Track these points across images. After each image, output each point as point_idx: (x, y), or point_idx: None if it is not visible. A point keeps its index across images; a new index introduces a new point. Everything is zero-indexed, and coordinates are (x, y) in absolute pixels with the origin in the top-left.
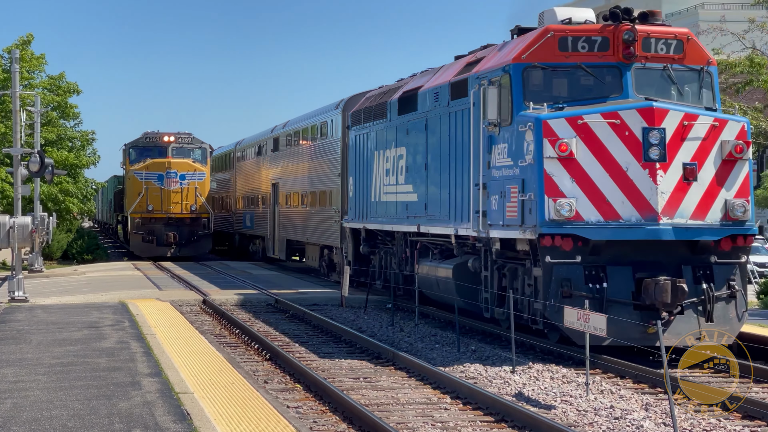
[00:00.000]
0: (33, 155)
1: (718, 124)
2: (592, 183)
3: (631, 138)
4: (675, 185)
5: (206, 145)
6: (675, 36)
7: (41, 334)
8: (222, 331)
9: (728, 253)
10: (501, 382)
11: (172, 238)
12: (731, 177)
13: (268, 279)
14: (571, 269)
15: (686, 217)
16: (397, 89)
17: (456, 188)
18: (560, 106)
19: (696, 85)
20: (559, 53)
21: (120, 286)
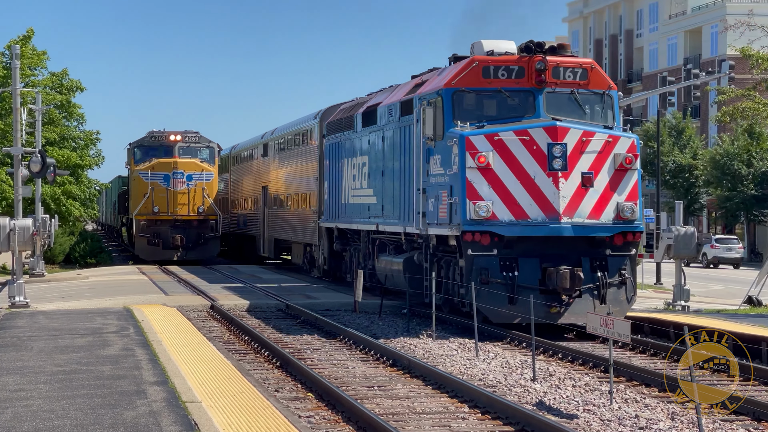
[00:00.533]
0: (34, 155)
1: (612, 140)
2: (505, 189)
3: (538, 151)
4: (574, 190)
5: (214, 144)
6: (580, 65)
7: (43, 341)
8: (231, 337)
9: (620, 247)
10: (521, 391)
11: (179, 240)
12: (622, 184)
13: (279, 283)
14: (489, 260)
15: (584, 217)
16: (363, 104)
17: (404, 192)
18: (482, 125)
19: (598, 107)
20: (483, 80)
21: (124, 290)
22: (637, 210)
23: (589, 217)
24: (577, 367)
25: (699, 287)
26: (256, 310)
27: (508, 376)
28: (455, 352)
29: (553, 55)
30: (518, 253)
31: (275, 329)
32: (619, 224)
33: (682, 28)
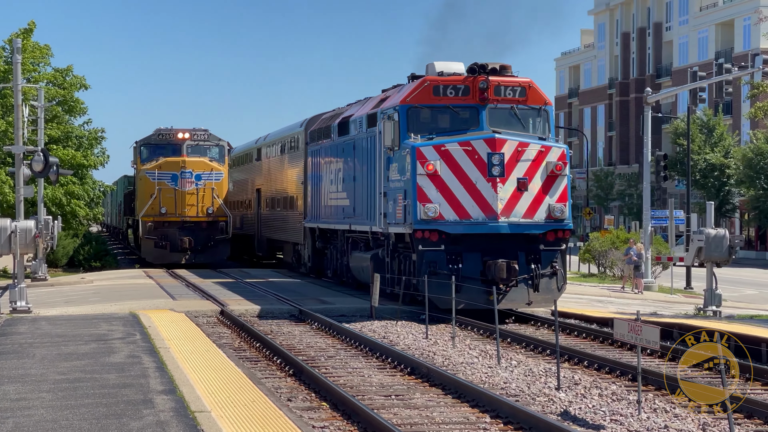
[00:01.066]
0: (36, 154)
1: (545, 150)
2: (451, 192)
3: (479, 160)
4: (511, 194)
5: (224, 142)
6: (519, 84)
7: (45, 347)
8: (241, 344)
9: (552, 243)
10: (545, 400)
11: (187, 243)
12: (553, 188)
13: (292, 288)
14: (437, 254)
15: (519, 216)
16: (340, 115)
17: (371, 196)
18: (432, 137)
19: (535, 120)
20: (434, 97)
21: (131, 295)
22: (566, 210)
23: (524, 216)
24: (604, 376)
25: (731, 292)
26: (268, 315)
27: (532, 385)
28: (476, 359)
29: (495, 75)
30: (462, 248)
31: (288, 336)
32: (551, 223)
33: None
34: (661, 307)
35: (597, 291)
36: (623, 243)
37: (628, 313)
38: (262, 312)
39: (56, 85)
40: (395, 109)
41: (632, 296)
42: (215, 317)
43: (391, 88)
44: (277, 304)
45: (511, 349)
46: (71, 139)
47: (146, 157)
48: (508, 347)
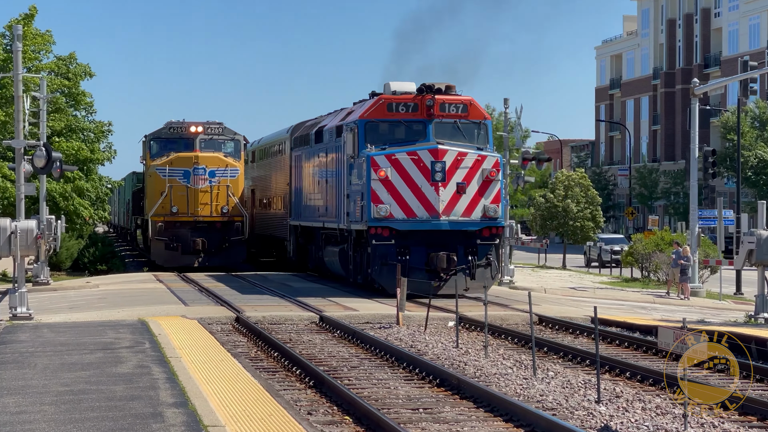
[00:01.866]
0: (38, 148)
1: (481, 158)
2: (400, 195)
3: (424, 167)
4: (451, 196)
5: (240, 136)
6: (462, 102)
7: (48, 357)
8: (258, 353)
9: (487, 238)
10: (584, 414)
11: (200, 245)
12: (488, 191)
13: (312, 293)
14: (388, 248)
15: (458, 215)
16: (317, 124)
17: (338, 197)
18: (385, 147)
19: (475, 133)
20: (388, 113)
21: (139, 301)
22: (500, 210)
23: (463, 215)
24: (648, 388)
25: None
26: (287, 322)
27: (570, 398)
28: (510, 370)
29: (441, 94)
30: (410, 243)
31: (308, 344)
32: (486, 221)
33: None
34: (709, 314)
35: (640, 297)
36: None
37: (674, 320)
38: (281, 319)
39: (59, 74)
40: (355, 123)
41: (678, 302)
42: (230, 324)
43: (357, 102)
44: (297, 311)
45: (547, 359)
46: (75, 132)
47: (156, 152)
48: (545, 357)
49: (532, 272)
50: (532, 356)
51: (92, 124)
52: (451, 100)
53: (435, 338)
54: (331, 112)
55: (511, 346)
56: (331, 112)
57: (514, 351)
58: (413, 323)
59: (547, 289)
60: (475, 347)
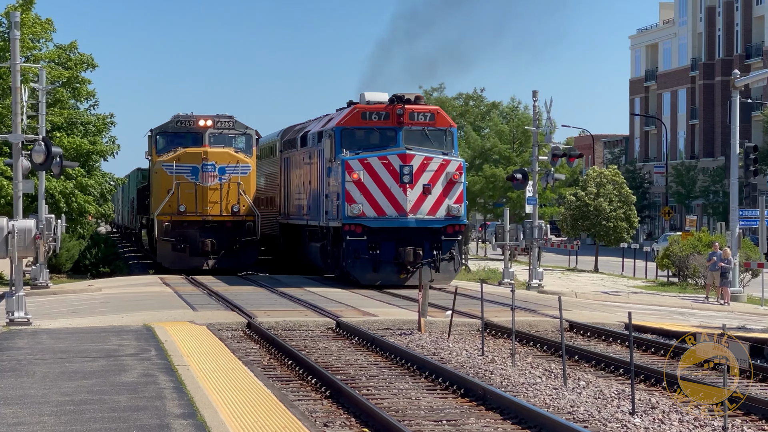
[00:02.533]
0: (37, 143)
1: (446, 162)
2: (371, 196)
3: (394, 170)
4: (418, 196)
5: (251, 130)
6: (429, 111)
7: (47, 365)
8: (271, 361)
9: (451, 234)
10: (618, 426)
11: (209, 246)
12: (452, 192)
13: (329, 297)
14: (360, 243)
15: (424, 214)
16: (303, 129)
17: (319, 198)
18: (359, 152)
19: (441, 139)
20: (362, 121)
21: (144, 305)
22: (462, 209)
23: (428, 214)
24: (685, 399)
25: None
26: (302, 328)
27: (602, 409)
28: (539, 379)
29: (410, 104)
30: (380, 239)
31: (324, 352)
32: (449, 219)
33: None
34: (750, 320)
35: (677, 302)
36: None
37: (713, 327)
38: (295, 324)
39: (59, 64)
40: (333, 130)
41: (717, 308)
42: (241, 331)
43: (339, 109)
44: (313, 316)
45: (578, 367)
46: (76, 126)
47: (163, 147)
48: (576, 365)
49: (562, 275)
50: (563, 365)
51: (94, 117)
52: (419, 109)
53: (459, 345)
54: (317, 118)
55: (540, 353)
56: (317, 117)
57: (543, 359)
58: (436, 329)
59: (578, 294)
60: (502, 355)
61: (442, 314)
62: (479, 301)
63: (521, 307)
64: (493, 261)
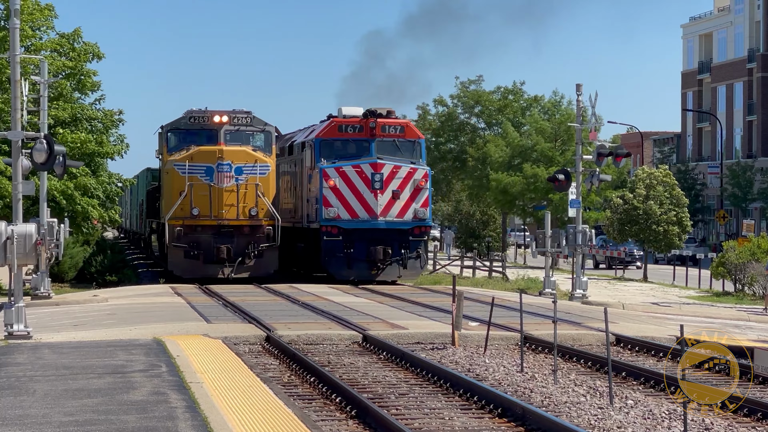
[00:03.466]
0: (38, 141)
1: (413, 171)
2: (346, 200)
3: (366, 178)
4: (387, 201)
5: (271, 127)
6: (399, 124)
7: (49, 382)
8: (292, 378)
9: (417, 235)
10: None
11: (225, 252)
12: (418, 197)
13: (355, 308)
14: (336, 242)
15: (393, 216)
16: (291, 138)
17: (304, 201)
18: (335, 161)
19: (410, 149)
20: (338, 133)
21: (154, 317)
22: (427, 212)
23: (397, 216)
24: (742, 419)
25: None
26: (326, 342)
27: (652, 430)
28: (583, 398)
29: (382, 118)
30: (354, 239)
31: (350, 368)
32: (416, 221)
33: None
34: None
35: (733, 313)
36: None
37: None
38: (318, 338)
39: (62, 54)
40: (313, 141)
41: None
42: (259, 345)
43: (323, 120)
44: (337, 329)
45: (626, 385)
46: (81, 122)
47: (175, 145)
48: (623, 383)
49: (608, 285)
50: (609, 382)
51: (100, 112)
52: (390, 122)
53: (496, 361)
54: (303, 128)
55: (584, 370)
56: (304, 128)
57: (587, 376)
58: (471, 344)
59: (625, 305)
60: (543, 372)
61: (477, 327)
62: (518, 313)
63: (563, 319)
64: (533, 269)
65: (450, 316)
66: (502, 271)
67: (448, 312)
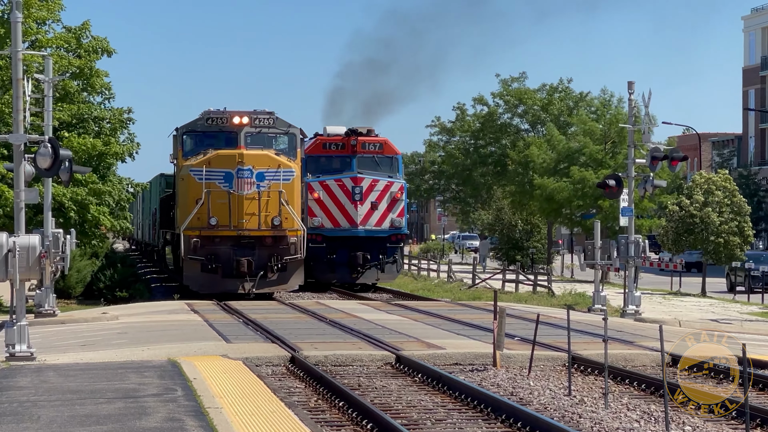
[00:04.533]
0: (42, 144)
1: (390, 184)
2: (329, 211)
3: (347, 190)
4: (366, 211)
5: (296, 129)
6: (378, 142)
7: (54, 407)
8: (319, 402)
9: (394, 242)
10: None
11: (246, 266)
12: (395, 208)
13: (387, 325)
14: (320, 249)
15: (372, 225)
16: None
17: None
18: (320, 175)
19: (388, 165)
20: (323, 149)
21: (169, 336)
22: (403, 222)
23: (375, 225)
24: None
25: None
26: (356, 363)
27: None
28: (636, 423)
29: (363, 136)
30: (336, 246)
31: (382, 391)
32: (392, 230)
33: None
34: None
35: None
36: None
37: None
38: (348, 359)
39: (69, 50)
40: (305, 155)
41: None
42: (284, 366)
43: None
44: (368, 349)
45: (683, 409)
46: (88, 123)
47: (191, 149)
48: (680, 407)
49: (663, 300)
50: (665, 406)
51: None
52: (370, 140)
53: (542, 384)
54: None
55: (638, 393)
56: None
57: (641, 400)
58: (514, 365)
59: (682, 322)
60: (592, 395)
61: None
62: (564, 331)
63: (615, 337)
64: (581, 283)
65: (491, 335)
66: (547, 285)
67: (489, 330)
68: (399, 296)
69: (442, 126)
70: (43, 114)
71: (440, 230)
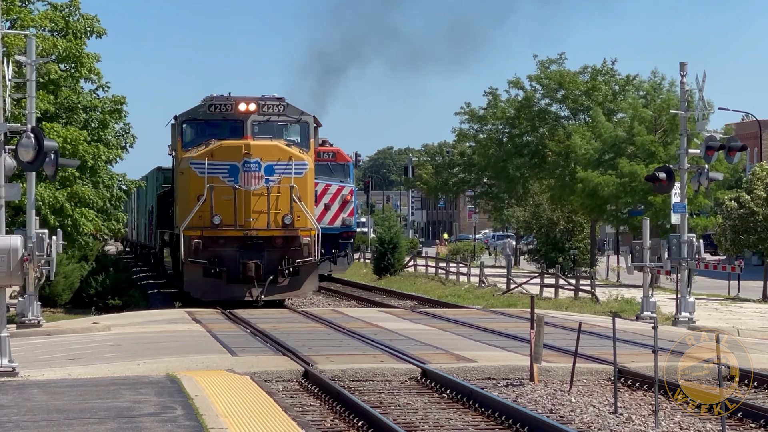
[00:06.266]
0: (25, 135)
1: (341, 187)
2: None
3: None
4: (321, 211)
5: (308, 117)
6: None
7: (39, 428)
8: (336, 422)
9: (345, 238)
10: None
11: (253, 270)
12: (345, 208)
13: (411, 336)
14: None
15: (326, 223)
16: None
17: None
18: None
19: (340, 171)
20: None
21: (168, 349)
22: (353, 220)
23: (329, 223)
24: None
25: None
26: (376, 378)
27: None
28: None
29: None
30: None
31: (406, 409)
32: (344, 227)
33: None
34: None
35: None
36: None
37: None
38: (367, 373)
39: (55, 31)
40: None
41: None
42: (296, 382)
43: None
44: (390, 362)
45: (743, 427)
46: (76, 111)
47: (191, 139)
48: (739, 425)
49: (720, 306)
50: (722, 425)
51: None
52: (324, 149)
53: (584, 400)
54: None
55: (691, 410)
56: None
57: (695, 417)
58: (553, 379)
59: (740, 331)
60: (641, 412)
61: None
62: (610, 341)
63: (666, 348)
64: (629, 288)
65: (528, 346)
66: (590, 290)
67: (526, 340)
68: (425, 303)
69: (473, 113)
70: (26, 100)
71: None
